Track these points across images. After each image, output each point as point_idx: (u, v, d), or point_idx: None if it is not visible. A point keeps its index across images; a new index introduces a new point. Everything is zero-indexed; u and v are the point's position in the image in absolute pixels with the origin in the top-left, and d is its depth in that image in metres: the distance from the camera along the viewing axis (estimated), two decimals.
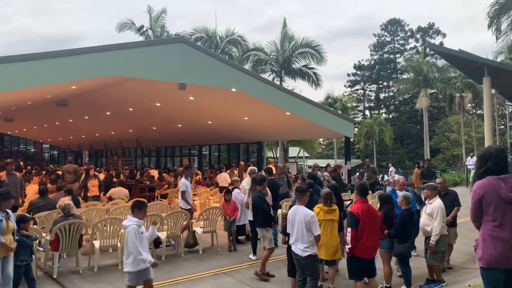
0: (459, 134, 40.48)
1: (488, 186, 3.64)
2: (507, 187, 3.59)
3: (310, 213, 5.57)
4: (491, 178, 3.65)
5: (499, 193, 3.59)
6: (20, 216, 6.12)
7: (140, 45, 12.34)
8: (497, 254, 3.53)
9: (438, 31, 58.54)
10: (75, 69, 10.14)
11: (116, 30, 31.72)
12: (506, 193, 3.57)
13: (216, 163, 28.52)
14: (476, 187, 3.71)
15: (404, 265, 6.33)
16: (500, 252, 3.52)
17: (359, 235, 5.36)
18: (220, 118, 18.90)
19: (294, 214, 5.68)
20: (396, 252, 6.28)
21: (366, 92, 62.65)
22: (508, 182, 3.62)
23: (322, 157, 51.94)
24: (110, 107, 20.01)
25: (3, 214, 5.37)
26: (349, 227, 5.41)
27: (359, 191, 5.71)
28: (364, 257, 5.46)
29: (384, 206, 6.52)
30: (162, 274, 7.35)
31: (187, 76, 12.04)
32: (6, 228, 5.37)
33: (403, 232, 6.21)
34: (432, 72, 37.07)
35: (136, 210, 5.23)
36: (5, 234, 5.34)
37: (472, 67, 20.75)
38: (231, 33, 31.33)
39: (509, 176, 3.67)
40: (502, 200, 3.58)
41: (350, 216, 5.49)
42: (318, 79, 30.31)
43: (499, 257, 3.52)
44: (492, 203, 3.60)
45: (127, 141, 29.02)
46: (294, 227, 5.62)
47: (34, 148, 42.10)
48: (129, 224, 5.12)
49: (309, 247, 5.48)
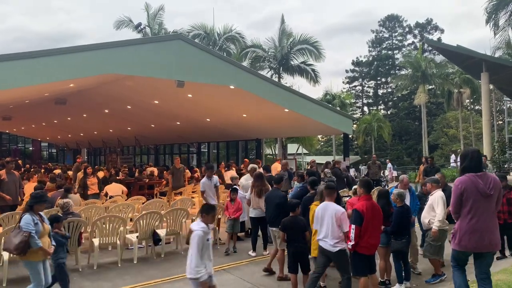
0: (458, 130, 40.56)
1: (468, 182, 4.28)
2: (484, 182, 4.24)
3: (341, 210, 5.62)
4: (470, 175, 4.29)
5: (477, 188, 4.24)
6: (53, 216, 6.09)
7: (138, 42, 12.31)
8: (472, 242, 4.29)
9: (436, 27, 58.58)
10: (73, 67, 10.12)
11: (114, 27, 31.68)
12: (483, 188, 4.22)
13: (215, 160, 28.53)
14: (457, 183, 4.35)
15: (398, 261, 6.36)
16: (475, 241, 4.28)
17: (362, 232, 5.35)
18: (219, 116, 18.89)
19: (323, 210, 5.65)
20: (394, 248, 6.30)
21: (365, 89, 62.68)
22: (485, 178, 4.27)
23: (321, 153, 51.96)
24: (109, 105, 19.99)
25: (37, 217, 5.31)
26: (353, 224, 5.38)
27: (364, 188, 5.67)
28: (366, 254, 5.46)
29: (380, 201, 6.58)
30: (162, 271, 7.36)
31: (185, 73, 12.03)
32: (43, 231, 5.31)
33: (400, 228, 6.24)
34: (430, 68, 37.10)
35: (203, 214, 5.08)
36: (42, 237, 5.27)
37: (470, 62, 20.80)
38: (229, 30, 31.31)
39: (485, 173, 4.34)
40: (480, 194, 4.24)
41: (354, 213, 5.45)
42: (317, 76, 30.35)
43: (473, 245, 4.31)
44: (471, 197, 4.25)
45: (126, 139, 29.00)
46: (324, 223, 5.60)
47: (32, 146, 42.04)
48: (196, 229, 4.94)
49: (339, 242, 5.52)
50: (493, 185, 4.34)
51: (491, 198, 4.34)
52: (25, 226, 5.13)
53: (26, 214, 5.26)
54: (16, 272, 7.21)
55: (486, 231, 4.31)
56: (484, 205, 4.29)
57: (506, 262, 7.09)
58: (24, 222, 5.17)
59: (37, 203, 5.37)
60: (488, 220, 4.33)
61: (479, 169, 4.36)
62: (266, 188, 8.20)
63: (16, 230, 5.22)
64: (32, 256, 5.20)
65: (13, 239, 5.13)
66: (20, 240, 5.06)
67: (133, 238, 8.07)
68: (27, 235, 5.09)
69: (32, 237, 5.12)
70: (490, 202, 4.35)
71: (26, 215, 5.26)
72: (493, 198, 4.36)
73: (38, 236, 5.19)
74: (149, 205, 10.11)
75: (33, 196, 5.46)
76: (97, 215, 9.02)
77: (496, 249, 4.51)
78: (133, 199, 11.60)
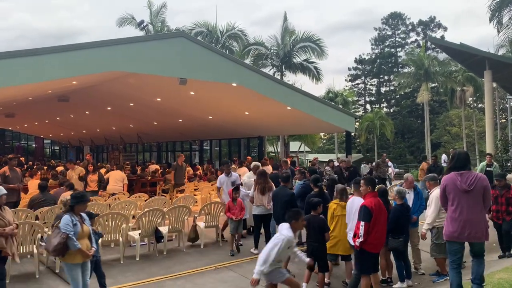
0: (460, 128, 40.43)
1: (450, 179, 4.99)
2: (462, 180, 4.88)
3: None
4: (453, 174, 4.98)
5: (456, 185, 4.90)
6: (86, 213, 5.90)
7: (141, 40, 12.31)
8: (453, 231, 4.89)
9: (439, 24, 58.33)
10: (76, 65, 10.13)
11: (116, 25, 31.70)
12: (461, 185, 4.87)
13: (217, 158, 28.55)
14: (443, 180, 5.12)
15: (398, 259, 6.37)
16: (455, 229, 4.87)
17: (370, 228, 5.38)
18: (221, 113, 18.89)
19: (351, 205, 5.93)
20: (391, 246, 6.30)
21: (367, 86, 62.53)
22: (464, 176, 4.90)
23: (323, 151, 51.93)
24: (111, 102, 20.02)
25: (77, 218, 5.15)
26: (362, 221, 5.37)
27: (370, 185, 5.68)
28: (373, 251, 5.50)
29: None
30: (164, 268, 7.38)
31: (188, 71, 12.03)
32: (82, 232, 5.13)
33: (397, 226, 6.24)
34: (433, 66, 36.98)
35: (293, 221, 5.03)
36: (81, 239, 5.10)
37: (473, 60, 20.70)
38: (231, 28, 31.26)
39: (466, 172, 4.94)
40: (458, 190, 4.89)
41: (363, 209, 5.44)
42: (319, 73, 30.27)
43: (455, 233, 4.89)
44: (452, 192, 4.93)
45: (128, 136, 29.04)
46: (351, 218, 5.88)
47: (35, 143, 42.14)
48: (284, 234, 4.91)
49: None
50: (473, 182, 4.87)
51: (471, 194, 4.86)
52: (63, 227, 4.98)
53: (66, 215, 5.11)
54: (19, 268, 7.25)
55: (467, 222, 4.84)
56: (464, 199, 4.87)
57: (508, 261, 7.07)
58: (63, 223, 5.02)
59: (78, 204, 5.21)
60: (470, 213, 4.85)
61: (463, 168, 4.97)
62: (269, 185, 8.26)
63: (55, 231, 5.08)
64: (70, 258, 5.05)
65: (52, 240, 5.01)
66: (58, 241, 4.92)
67: (136, 235, 8.09)
68: (65, 237, 4.94)
69: (70, 239, 4.96)
70: (471, 197, 4.87)
71: (65, 215, 5.11)
72: (474, 194, 4.87)
73: (76, 237, 5.02)
74: (152, 202, 10.14)
75: (74, 196, 5.29)
76: (99, 212, 9.05)
77: (479, 240, 4.93)
78: (136, 197, 11.63)
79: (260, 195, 8.18)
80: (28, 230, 6.93)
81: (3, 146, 37.81)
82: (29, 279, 6.82)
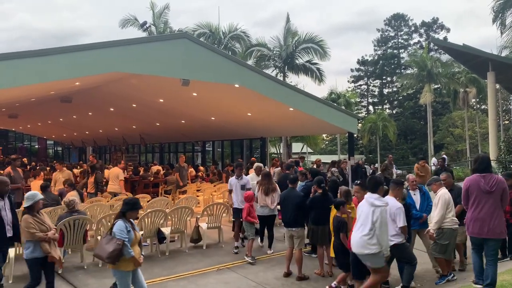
0: (463, 130, 40.32)
1: (472, 181, 5.52)
2: (485, 182, 5.41)
3: (396, 205, 5.78)
4: (476, 175, 5.52)
5: (479, 186, 5.43)
6: None
7: (144, 41, 12.32)
8: (475, 229, 5.46)
9: (442, 26, 58.25)
10: (78, 66, 10.15)
11: (119, 26, 31.75)
12: (484, 186, 5.40)
13: (220, 159, 28.56)
14: (465, 181, 5.63)
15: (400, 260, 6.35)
16: (478, 228, 5.43)
17: None
18: (223, 114, 18.90)
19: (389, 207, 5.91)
20: None
21: (370, 88, 62.43)
22: (487, 178, 5.43)
23: (326, 153, 51.87)
24: (114, 103, 20.05)
25: (129, 225, 5.04)
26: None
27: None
28: None
29: None
30: (166, 269, 7.39)
31: (191, 72, 12.04)
32: (134, 239, 5.05)
33: None
34: (436, 67, 36.90)
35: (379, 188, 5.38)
36: (133, 246, 5.01)
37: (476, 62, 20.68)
38: (234, 29, 31.30)
39: (488, 174, 5.48)
40: (481, 191, 5.42)
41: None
42: (322, 75, 30.27)
43: (477, 230, 5.46)
44: (474, 192, 5.45)
45: (131, 137, 29.09)
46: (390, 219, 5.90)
47: (38, 144, 42.25)
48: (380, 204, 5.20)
49: (395, 236, 5.66)
50: (494, 184, 5.43)
51: (493, 194, 5.41)
52: (118, 233, 4.87)
53: (119, 221, 4.98)
54: (22, 269, 7.26)
55: (487, 220, 5.38)
56: (486, 199, 5.39)
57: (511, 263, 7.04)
58: (117, 229, 4.90)
59: (130, 210, 5.09)
60: (490, 212, 5.39)
61: (484, 171, 5.50)
62: (273, 186, 8.36)
63: (107, 237, 4.98)
64: (123, 265, 4.94)
65: (105, 246, 4.87)
66: (114, 248, 4.79)
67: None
68: (121, 243, 4.83)
69: (126, 246, 4.86)
70: (492, 197, 5.41)
71: (119, 221, 4.98)
72: (495, 194, 5.42)
73: (129, 244, 4.94)
74: (154, 203, 10.16)
75: (126, 202, 5.16)
76: (102, 213, 9.07)
77: (498, 236, 5.48)
78: (138, 197, 11.65)
79: (264, 195, 8.24)
80: None
81: (6, 147, 37.91)
82: None
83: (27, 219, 5.29)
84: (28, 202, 5.39)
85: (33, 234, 5.24)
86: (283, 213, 7.23)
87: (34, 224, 5.29)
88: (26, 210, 5.42)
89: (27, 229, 5.25)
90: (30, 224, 5.26)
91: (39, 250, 5.28)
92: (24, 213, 5.40)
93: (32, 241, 5.29)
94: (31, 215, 5.35)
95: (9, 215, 5.85)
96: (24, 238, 5.37)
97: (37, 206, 5.46)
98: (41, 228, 5.33)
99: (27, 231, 5.26)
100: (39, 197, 5.50)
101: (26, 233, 5.28)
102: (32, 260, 5.32)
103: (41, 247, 5.26)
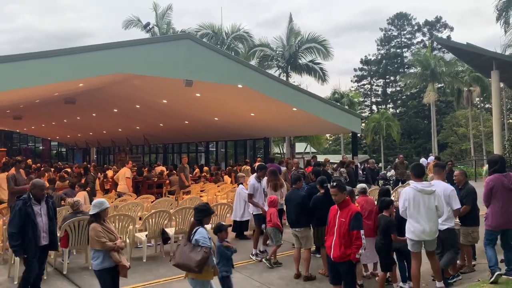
0: (467, 129, 40.17)
1: (497, 180, 6.09)
2: (508, 180, 6.05)
3: (450, 188, 5.97)
4: (498, 175, 6.10)
5: (503, 184, 6.03)
6: (216, 225, 5.59)
7: (147, 42, 12.37)
8: (501, 222, 6.03)
9: (446, 24, 58.03)
10: (82, 67, 10.20)
11: (122, 27, 31.86)
12: (508, 184, 6.03)
13: (223, 159, 28.58)
14: (488, 180, 6.17)
15: (401, 260, 6.34)
16: (503, 221, 6.02)
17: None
18: (227, 115, 18.92)
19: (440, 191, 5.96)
20: (394, 247, 6.27)
21: (373, 87, 62.32)
22: (507, 177, 6.08)
23: (329, 152, 51.78)
24: (117, 104, 20.11)
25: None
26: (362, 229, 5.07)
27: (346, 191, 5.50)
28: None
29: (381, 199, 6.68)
30: (171, 270, 7.36)
31: (194, 72, 12.07)
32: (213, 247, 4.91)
33: (401, 227, 6.21)
34: (439, 66, 36.79)
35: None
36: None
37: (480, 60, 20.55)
38: (237, 29, 31.33)
39: (507, 173, 6.16)
40: (505, 188, 6.02)
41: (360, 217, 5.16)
42: (325, 74, 30.24)
43: (502, 224, 6.03)
44: (499, 190, 6.01)
45: (135, 138, 29.16)
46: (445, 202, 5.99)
47: (42, 145, 42.45)
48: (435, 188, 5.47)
49: (447, 221, 5.79)
50: None
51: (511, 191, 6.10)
52: (203, 241, 4.68)
53: (201, 228, 4.81)
54: None
55: (509, 213, 6.01)
56: (507, 195, 6.02)
57: None
58: (202, 237, 4.70)
59: (206, 216, 4.96)
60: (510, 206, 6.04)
61: (504, 171, 6.19)
62: (280, 182, 8.51)
63: (189, 245, 4.76)
64: (207, 275, 4.75)
65: (190, 255, 4.65)
66: (202, 256, 4.59)
67: (142, 236, 8.12)
68: (208, 251, 4.64)
69: (211, 254, 4.72)
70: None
71: (201, 229, 4.80)
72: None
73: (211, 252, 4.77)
74: (158, 204, 10.17)
75: (201, 209, 4.96)
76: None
77: None
78: (142, 198, 11.68)
79: (273, 191, 8.34)
80: None
81: (11, 148, 38.10)
82: None
83: (96, 227, 5.00)
84: (95, 209, 5.09)
85: (103, 244, 4.95)
86: (288, 213, 7.24)
87: (103, 233, 5.00)
88: (93, 218, 5.10)
89: (97, 238, 4.94)
90: (99, 233, 4.97)
91: (109, 260, 5.00)
92: (91, 221, 5.11)
93: (101, 251, 4.97)
94: (99, 223, 5.07)
95: (45, 221, 5.67)
96: (92, 247, 5.08)
97: (104, 214, 5.18)
98: (109, 237, 5.05)
99: (97, 241, 4.94)
100: (106, 205, 5.23)
101: (96, 243, 4.96)
102: (103, 271, 5.03)
103: (112, 257, 4.99)
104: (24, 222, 5.44)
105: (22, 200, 5.56)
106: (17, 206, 5.48)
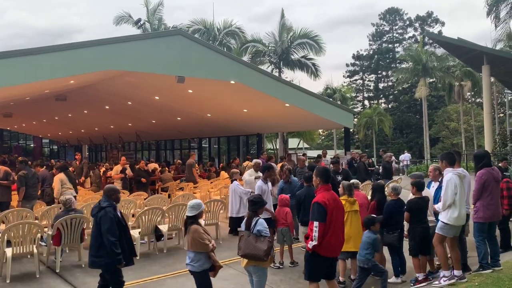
0: (459, 123, 40.47)
1: (488, 174, 6.26)
2: (496, 173, 6.34)
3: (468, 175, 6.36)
4: (487, 169, 6.28)
5: (493, 177, 6.25)
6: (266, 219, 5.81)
7: (138, 38, 12.28)
8: (491, 214, 6.19)
9: (437, 19, 58.31)
10: (72, 64, 10.10)
11: (113, 23, 31.70)
12: (497, 177, 6.33)
13: (216, 155, 28.55)
14: (481, 175, 6.24)
15: (393, 255, 6.39)
16: (492, 213, 6.21)
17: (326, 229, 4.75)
18: (219, 111, 18.88)
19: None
20: (385, 241, 6.31)
21: (365, 82, 62.53)
22: (495, 170, 6.39)
23: (322, 148, 51.89)
24: (109, 101, 19.99)
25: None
26: (316, 221, 4.72)
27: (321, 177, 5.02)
28: (328, 256, 4.88)
29: (376, 195, 6.75)
30: (165, 266, 7.39)
31: (186, 69, 12.01)
32: None
33: (391, 221, 6.25)
34: (431, 61, 36.98)
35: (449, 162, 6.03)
36: None
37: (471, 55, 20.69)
38: (229, 25, 31.25)
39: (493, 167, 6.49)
40: (494, 181, 6.25)
41: (316, 207, 4.78)
42: (317, 70, 30.27)
43: (492, 216, 6.22)
44: (491, 183, 6.20)
45: (127, 135, 29.03)
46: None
47: (33, 143, 42.10)
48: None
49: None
50: (499, 174, 6.50)
51: (499, 183, 6.48)
52: (265, 231, 4.98)
53: (260, 219, 5.09)
54: (19, 268, 7.26)
55: (497, 205, 6.32)
56: (496, 187, 6.30)
57: (509, 254, 7.09)
58: (264, 227, 4.99)
59: (260, 208, 5.22)
60: (498, 198, 6.42)
61: (491, 165, 6.45)
62: (277, 177, 8.92)
63: (252, 236, 4.96)
64: (268, 262, 5.10)
65: (257, 245, 4.88)
66: (268, 245, 4.88)
67: (136, 234, 8.09)
68: (271, 241, 5.00)
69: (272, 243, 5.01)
70: (499, 185, 6.51)
71: (260, 219, 5.08)
72: (499, 183, 6.51)
73: None
74: (151, 201, 10.15)
75: (254, 202, 5.22)
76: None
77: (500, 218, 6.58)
78: (135, 195, 11.64)
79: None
80: (28, 230, 6.89)
81: (1, 146, 37.77)
82: (30, 279, 6.82)
83: (199, 230, 4.93)
84: (193, 211, 5.01)
85: (208, 246, 4.90)
86: (304, 212, 6.83)
87: (205, 235, 4.97)
88: (192, 220, 5.00)
89: (202, 241, 4.87)
90: (203, 235, 4.92)
91: (209, 261, 4.99)
92: (191, 223, 4.98)
93: (203, 253, 4.92)
94: (199, 225, 5.05)
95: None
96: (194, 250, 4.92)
97: (201, 215, 5.20)
98: (208, 238, 5.02)
99: (202, 243, 4.87)
100: (203, 206, 5.24)
101: (201, 245, 4.88)
102: (204, 272, 4.99)
103: (211, 258, 4.98)
104: (119, 230, 5.30)
105: (112, 207, 5.32)
106: (110, 213, 5.22)
